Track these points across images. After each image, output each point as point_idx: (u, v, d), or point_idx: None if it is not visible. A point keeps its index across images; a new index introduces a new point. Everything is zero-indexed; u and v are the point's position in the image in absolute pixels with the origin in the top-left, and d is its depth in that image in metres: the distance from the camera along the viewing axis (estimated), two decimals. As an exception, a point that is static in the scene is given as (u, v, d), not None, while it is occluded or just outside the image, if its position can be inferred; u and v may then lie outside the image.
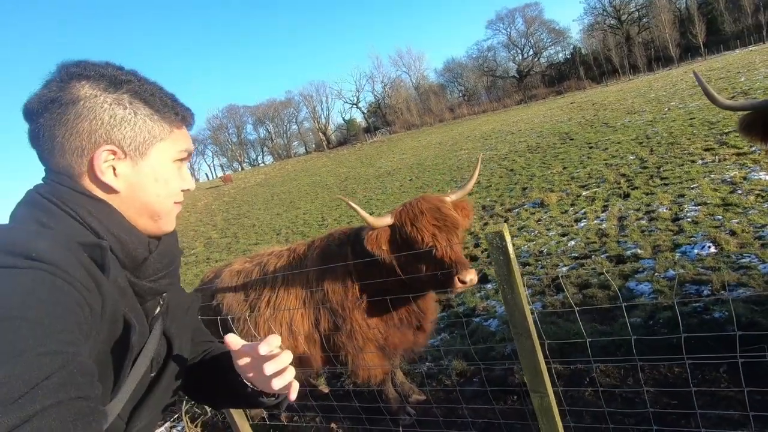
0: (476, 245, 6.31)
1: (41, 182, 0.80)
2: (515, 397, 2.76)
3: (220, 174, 72.85)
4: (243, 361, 0.87)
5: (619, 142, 11.16)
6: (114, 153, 0.79)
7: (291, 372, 0.86)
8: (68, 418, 0.54)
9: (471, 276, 2.22)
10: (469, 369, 3.24)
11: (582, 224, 6.03)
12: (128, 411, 0.82)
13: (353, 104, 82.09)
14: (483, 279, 5.01)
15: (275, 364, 0.83)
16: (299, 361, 2.74)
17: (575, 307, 1.83)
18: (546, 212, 7.13)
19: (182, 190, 0.90)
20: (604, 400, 2.37)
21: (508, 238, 1.66)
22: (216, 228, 18.83)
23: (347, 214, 12.54)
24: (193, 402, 3.21)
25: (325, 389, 3.58)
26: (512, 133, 21.53)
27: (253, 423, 2.98)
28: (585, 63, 62.76)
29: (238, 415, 2.78)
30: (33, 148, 0.79)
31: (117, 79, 0.80)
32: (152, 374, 0.88)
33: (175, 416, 3.33)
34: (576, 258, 4.91)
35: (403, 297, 2.54)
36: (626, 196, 6.66)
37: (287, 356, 0.85)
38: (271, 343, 0.83)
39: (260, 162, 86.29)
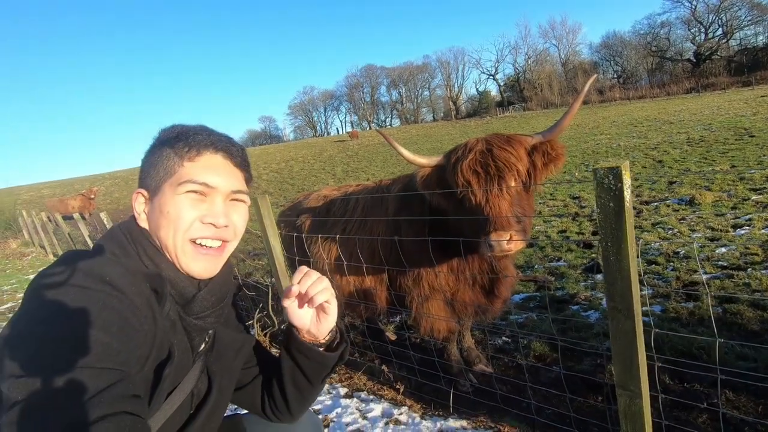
0: (594, 233, 5.50)
1: (126, 220, 0.91)
2: (599, 397, 2.29)
3: (349, 129, 76.60)
4: (292, 306, 0.95)
5: (822, 146, 8.66)
6: (143, 195, 0.88)
7: (326, 285, 0.94)
8: (122, 429, 0.61)
9: (501, 239, 1.73)
10: (550, 354, 2.81)
11: (742, 231, 4.82)
12: None
13: (490, 75, 77.95)
14: (592, 269, 4.35)
15: (306, 276, 0.93)
16: (364, 295, 2.63)
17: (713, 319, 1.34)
18: (695, 211, 5.89)
19: (207, 222, 0.86)
20: (723, 432, 1.80)
21: (626, 178, 1.24)
22: (335, 177, 19.90)
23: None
24: (264, 312, 3.37)
25: (392, 336, 3.47)
26: (670, 123, 18.35)
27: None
28: (795, 50, 49.72)
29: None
30: None
31: (166, 132, 0.89)
32: (191, 410, 0.92)
33: (249, 322, 3.55)
34: (724, 268, 3.94)
35: (474, 252, 2.21)
36: (819, 208, 5.12)
37: (316, 274, 0.94)
38: (300, 272, 0.94)
39: (388, 124, 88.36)
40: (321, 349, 1.02)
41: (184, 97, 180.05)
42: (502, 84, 76.53)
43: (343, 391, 2.72)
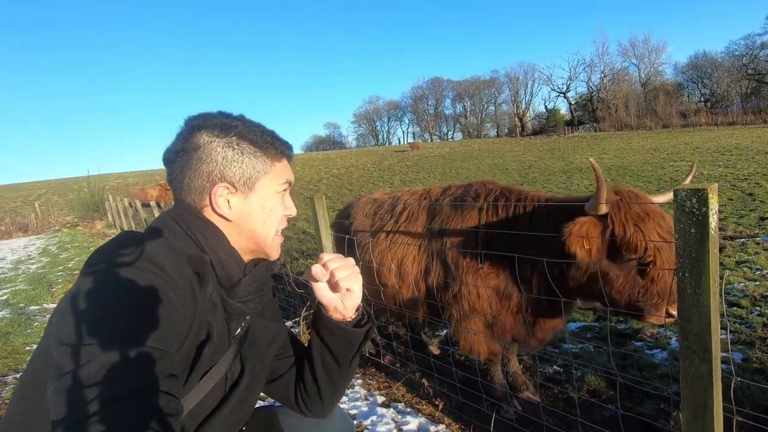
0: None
1: (172, 208, 0.96)
2: (661, 446, 2.06)
3: (410, 140, 76.99)
4: (317, 285, 1.00)
5: None
6: (228, 188, 0.91)
7: (351, 271, 1.00)
8: (160, 405, 0.64)
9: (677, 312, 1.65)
10: (606, 391, 2.58)
11: None
12: (194, 426, 0.89)
13: (561, 93, 75.02)
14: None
15: (331, 260, 0.99)
16: (404, 303, 2.59)
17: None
18: (790, 252, 5.22)
19: (285, 215, 1.00)
20: None
21: (713, 202, 1.10)
22: (392, 186, 20.03)
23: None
24: (311, 310, 3.42)
25: (435, 350, 3.38)
26: (766, 153, 16.56)
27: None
28: None
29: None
30: (170, 187, 0.97)
31: (226, 125, 0.92)
32: (225, 392, 0.95)
33: (296, 319, 3.62)
34: (823, 319, 3.44)
35: (536, 285, 2.08)
36: None
37: (342, 259, 1.00)
38: (327, 253, 1.04)
39: (450, 137, 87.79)
40: (344, 324, 1.06)
41: (256, 97, 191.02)
42: (573, 102, 73.39)
43: (380, 399, 2.67)
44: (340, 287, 0.99)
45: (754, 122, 42.15)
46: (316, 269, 0.97)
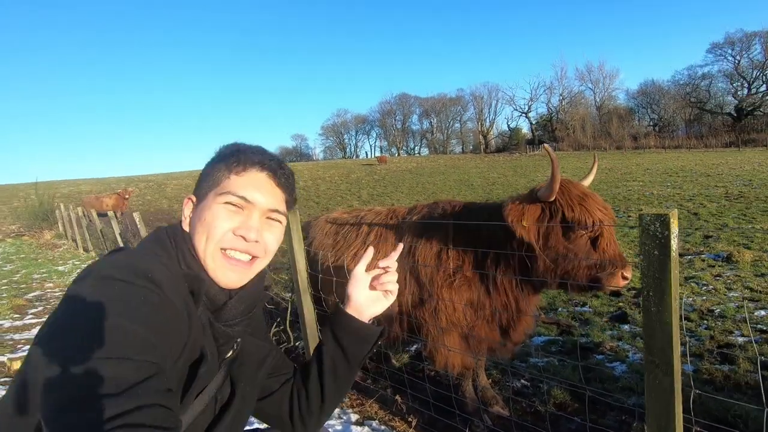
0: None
1: (173, 224, 0.95)
2: (624, 457, 2.16)
3: (378, 154, 77.55)
4: (363, 277, 1.08)
5: None
6: (192, 201, 0.92)
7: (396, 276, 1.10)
8: (157, 421, 0.62)
9: (631, 273, 1.94)
10: (571, 403, 2.68)
11: (784, 295, 4.56)
12: None
13: (523, 113, 78.14)
14: (619, 318, 4.19)
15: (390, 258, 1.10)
16: (379, 321, 2.60)
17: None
18: (732, 269, 5.63)
19: (237, 234, 0.88)
20: None
21: (674, 227, 1.20)
22: (360, 199, 20.07)
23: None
24: (281, 327, 3.36)
25: (396, 362, 3.39)
26: (708, 176, 17.86)
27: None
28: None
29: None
30: None
31: (221, 151, 0.94)
32: (214, 414, 0.93)
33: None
34: (763, 331, 3.72)
35: (504, 290, 2.20)
36: None
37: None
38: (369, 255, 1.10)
39: (416, 152, 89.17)
40: (360, 326, 1.08)
41: (221, 109, 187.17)
42: (534, 122, 76.54)
43: (354, 417, 2.65)
44: (385, 287, 1.07)
45: (697, 146, 45.51)
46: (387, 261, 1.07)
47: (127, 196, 19.44)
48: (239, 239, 0.88)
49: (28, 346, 4.40)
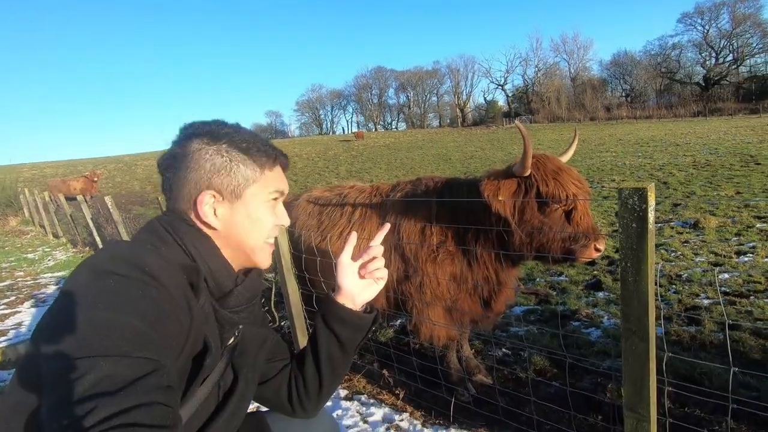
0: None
1: (162, 214, 0.93)
2: (599, 416, 2.29)
3: (355, 129, 76.54)
4: (350, 266, 1.09)
5: (829, 178, 8.68)
6: (214, 197, 0.89)
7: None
8: (156, 419, 0.61)
9: (604, 245, 2.03)
10: (550, 369, 2.80)
11: (745, 258, 4.82)
12: None
13: (499, 85, 78.25)
14: (594, 285, 4.35)
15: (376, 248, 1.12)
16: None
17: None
18: (699, 235, 5.89)
19: (277, 225, 0.98)
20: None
21: (651, 200, 1.24)
22: (338, 176, 19.91)
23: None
24: (266, 307, 3.36)
25: (382, 339, 3.46)
26: (677, 145, 18.43)
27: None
28: (804, 81, 49.87)
29: (301, 335, 2.81)
30: (164, 194, 0.94)
31: (217, 133, 0.91)
32: (218, 400, 0.94)
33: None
34: (726, 294, 3.94)
35: (484, 263, 2.26)
36: (823, 240, 5.12)
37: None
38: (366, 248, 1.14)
39: (393, 127, 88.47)
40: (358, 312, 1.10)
41: (193, 86, 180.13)
42: (510, 95, 76.76)
43: (343, 393, 2.71)
44: (374, 275, 1.08)
45: (667, 116, 46.61)
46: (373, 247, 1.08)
47: (95, 179, 18.75)
48: (276, 228, 0.98)
49: (2, 338, 4.28)
